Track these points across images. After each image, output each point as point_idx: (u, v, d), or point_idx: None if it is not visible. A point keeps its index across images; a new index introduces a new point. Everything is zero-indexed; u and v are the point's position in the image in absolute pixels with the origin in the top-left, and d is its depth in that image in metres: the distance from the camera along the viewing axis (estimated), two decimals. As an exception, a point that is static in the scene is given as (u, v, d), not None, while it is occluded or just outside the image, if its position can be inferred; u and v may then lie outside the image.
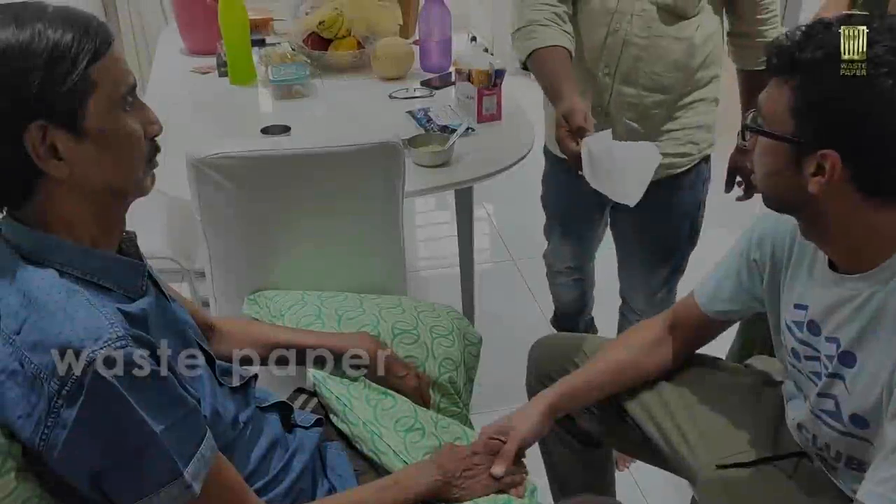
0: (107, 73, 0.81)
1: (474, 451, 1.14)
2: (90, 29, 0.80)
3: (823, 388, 0.99)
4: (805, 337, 1.03)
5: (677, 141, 1.49)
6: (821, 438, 1.02)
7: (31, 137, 0.78)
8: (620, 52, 1.38)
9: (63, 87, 0.77)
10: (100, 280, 0.85)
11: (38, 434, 0.77)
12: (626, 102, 1.42)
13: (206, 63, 2.31)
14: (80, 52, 0.78)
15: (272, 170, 1.33)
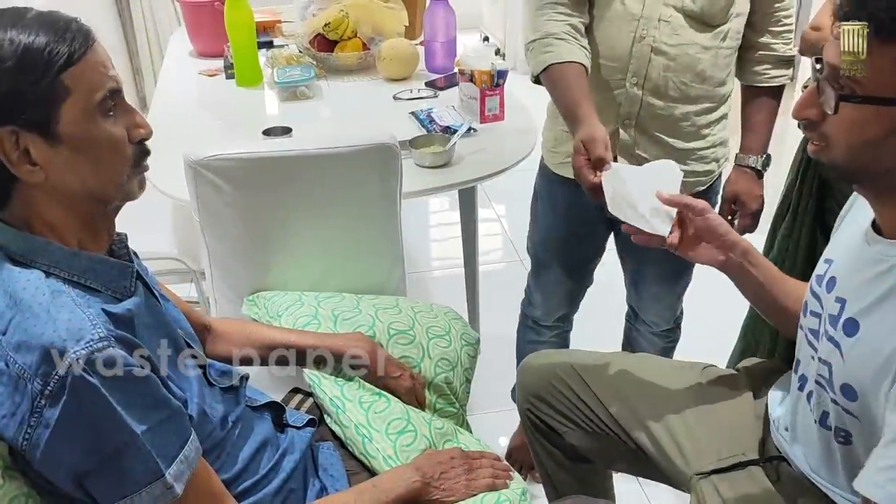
0: (82, 78, 0.80)
1: (452, 454, 1.14)
2: (67, 33, 0.79)
3: (822, 353, 0.96)
4: (819, 291, 0.99)
5: (704, 160, 1.45)
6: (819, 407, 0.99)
7: (2, 142, 0.78)
8: (649, 60, 1.33)
9: (33, 92, 0.77)
10: (86, 281, 0.86)
11: (22, 433, 0.78)
12: (657, 114, 1.37)
13: (214, 65, 2.33)
14: (51, 58, 0.78)
15: (269, 171, 1.34)
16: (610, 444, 1.27)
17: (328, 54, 2.28)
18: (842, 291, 0.94)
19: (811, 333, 1.01)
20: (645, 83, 1.34)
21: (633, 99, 1.36)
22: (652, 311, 1.72)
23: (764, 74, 1.44)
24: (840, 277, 0.96)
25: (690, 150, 1.42)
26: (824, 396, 0.96)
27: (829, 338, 0.94)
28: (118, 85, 0.85)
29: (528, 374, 1.37)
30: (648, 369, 1.31)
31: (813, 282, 1.03)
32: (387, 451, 1.14)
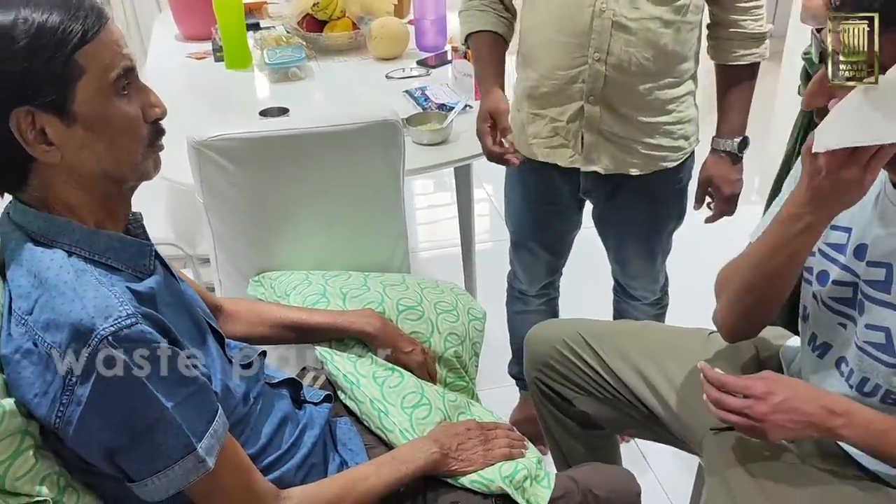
0: (96, 57, 0.79)
1: (468, 426, 1.15)
2: (80, 11, 0.78)
3: (872, 318, 0.96)
4: (846, 261, 1.00)
5: (672, 135, 1.45)
6: (859, 373, 1.00)
7: (18, 122, 0.77)
8: (611, 35, 1.32)
9: (47, 72, 0.76)
10: (107, 260, 0.85)
11: (54, 412, 0.78)
12: (621, 90, 1.37)
13: (202, 48, 2.31)
14: (65, 35, 0.77)
15: (273, 150, 1.33)
16: (620, 408, 1.29)
17: (318, 35, 2.27)
18: (879, 256, 0.95)
19: (838, 302, 1.01)
20: (608, 58, 1.34)
21: (597, 75, 1.36)
22: (640, 286, 1.74)
23: (735, 52, 1.42)
24: (872, 243, 0.96)
25: (656, 124, 1.41)
26: (871, 363, 0.97)
27: (881, 303, 0.95)
28: (132, 63, 0.84)
29: (535, 343, 1.39)
30: (654, 335, 1.33)
31: (827, 250, 1.03)
32: (403, 425, 1.15)
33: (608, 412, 1.32)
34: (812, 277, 1.07)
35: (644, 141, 1.42)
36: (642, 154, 1.44)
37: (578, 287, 1.96)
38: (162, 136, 0.90)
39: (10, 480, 0.77)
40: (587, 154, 1.43)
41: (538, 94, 1.43)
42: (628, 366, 1.28)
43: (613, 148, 1.42)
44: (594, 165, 1.44)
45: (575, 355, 1.32)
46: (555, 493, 1.12)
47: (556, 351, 1.34)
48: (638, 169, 1.45)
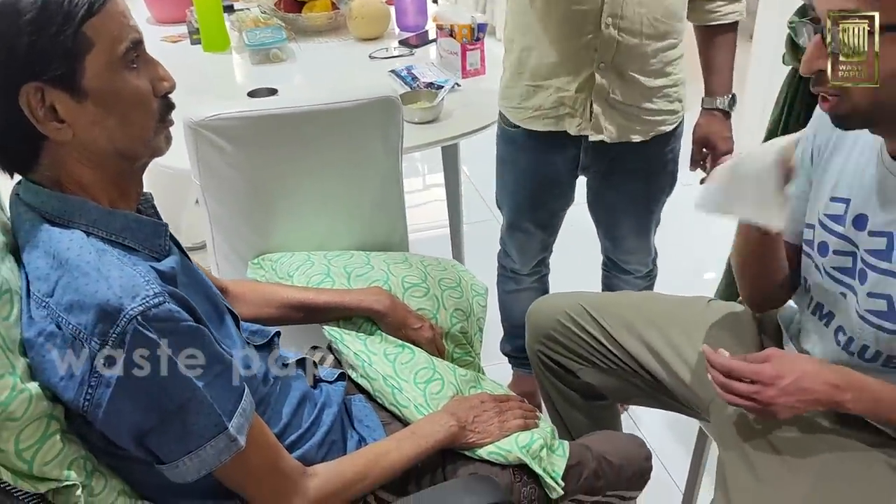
0: (104, 29, 0.77)
1: (482, 399, 1.16)
2: None
3: (874, 286, 0.98)
4: (845, 231, 1.01)
5: (668, 98, 1.47)
6: (860, 341, 1.02)
7: (28, 99, 0.75)
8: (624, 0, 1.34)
9: (56, 46, 0.74)
10: (125, 240, 0.83)
11: (83, 395, 0.76)
12: (632, 54, 1.38)
13: (177, 31, 2.26)
14: (72, 8, 0.75)
15: (271, 129, 1.31)
16: (625, 378, 1.31)
17: (296, 15, 2.23)
18: (880, 226, 0.97)
19: (840, 272, 1.03)
20: (621, 23, 1.35)
21: (610, 41, 1.36)
22: (633, 261, 1.76)
23: (716, 12, 1.46)
24: (871, 213, 0.98)
25: (657, 87, 1.44)
26: (872, 331, 0.99)
27: (882, 271, 0.97)
28: (140, 35, 0.82)
29: (537, 315, 1.39)
30: (656, 304, 1.35)
31: (826, 222, 1.05)
32: (417, 400, 1.15)
33: (612, 382, 1.34)
34: (813, 250, 1.09)
35: (645, 106, 1.44)
36: (644, 120, 1.45)
37: (567, 263, 1.97)
38: (172, 111, 0.88)
39: (39, 465, 0.76)
40: (595, 123, 1.44)
41: (543, 64, 1.42)
42: (632, 335, 1.30)
43: (618, 115, 1.44)
44: (602, 134, 1.45)
45: (578, 326, 1.33)
46: (570, 461, 1.13)
47: (559, 323, 1.35)
48: (640, 135, 1.47)
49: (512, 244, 1.76)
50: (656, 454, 1.86)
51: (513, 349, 1.95)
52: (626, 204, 1.62)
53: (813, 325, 1.13)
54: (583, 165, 1.54)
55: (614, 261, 1.80)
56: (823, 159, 1.08)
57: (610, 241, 1.75)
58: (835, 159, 1.06)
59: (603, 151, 1.48)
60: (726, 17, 1.46)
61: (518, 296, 1.84)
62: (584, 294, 1.40)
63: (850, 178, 1.03)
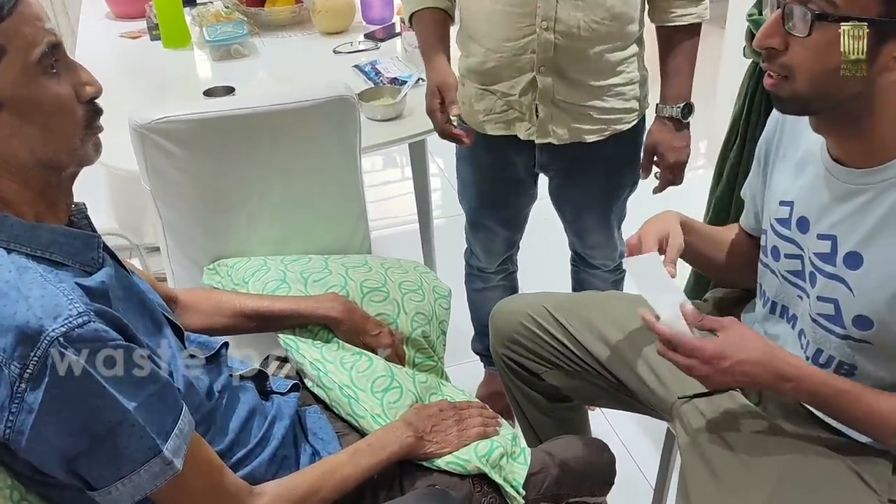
0: (16, 34, 0.73)
1: (441, 407, 1.13)
2: None
3: (821, 290, 0.97)
4: (791, 234, 1.01)
5: (623, 97, 1.43)
6: (814, 344, 1.02)
7: None
8: (556, 2, 1.29)
9: None
10: (51, 255, 0.79)
11: (3, 422, 0.72)
12: (572, 56, 1.34)
13: (136, 27, 2.20)
14: None
15: (222, 132, 1.27)
16: (589, 380, 1.29)
17: (259, 10, 2.18)
18: (824, 228, 0.96)
19: (793, 275, 1.03)
20: (556, 26, 1.31)
21: (546, 44, 1.33)
22: (599, 255, 1.74)
23: (673, 13, 1.40)
24: (813, 216, 0.98)
25: (608, 86, 1.40)
26: (823, 334, 0.99)
27: (828, 275, 0.96)
28: (58, 39, 0.77)
29: (500, 318, 1.37)
30: (620, 304, 1.32)
31: (776, 226, 1.04)
32: (374, 410, 1.12)
33: (577, 384, 1.32)
34: (767, 256, 1.08)
35: (596, 105, 1.40)
36: (595, 119, 1.42)
37: (535, 260, 1.95)
38: (99, 117, 0.83)
39: (-41, 498, 0.72)
40: (542, 126, 1.41)
41: (486, 69, 1.40)
42: (595, 336, 1.28)
43: (567, 117, 1.40)
44: (550, 137, 1.42)
45: (541, 329, 1.31)
46: (531, 468, 1.11)
47: (522, 325, 1.32)
48: (594, 135, 1.43)
49: (476, 242, 1.74)
50: (629, 452, 1.85)
51: (483, 348, 1.93)
52: (588, 198, 1.59)
53: (781, 328, 1.11)
54: (540, 164, 1.51)
55: (582, 255, 1.78)
56: (773, 162, 1.07)
57: (575, 236, 1.73)
58: (784, 163, 1.05)
59: (558, 152, 1.45)
60: (684, 19, 1.40)
61: (486, 294, 1.82)
62: (548, 295, 1.38)
63: (795, 181, 1.02)
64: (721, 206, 1.61)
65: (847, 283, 0.94)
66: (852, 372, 0.99)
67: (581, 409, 1.49)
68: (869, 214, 0.91)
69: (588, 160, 1.48)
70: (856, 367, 0.98)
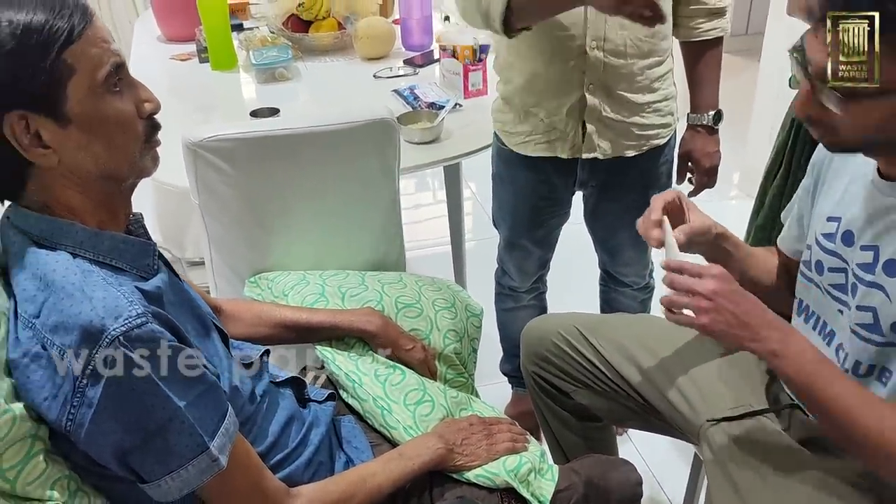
0: (84, 55, 0.78)
1: (471, 421, 1.16)
2: (64, 10, 0.77)
3: (861, 299, 0.98)
4: (836, 247, 1.03)
5: (660, 112, 1.49)
6: (852, 356, 1.02)
7: (12, 127, 0.77)
8: (605, 21, 1.35)
9: (37, 73, 0.75)
10: (112, 260, 0.85)
11: (65, 414, 0.77)
12: (618, 73, 1.40)
13: (186, 50, 2.29)
14: (51, 36, 0.76)
15: (269, 150, 1.33)
16: (618, 400, 1.31)
17: (303, 35, 2.26)
18: (868, 240, 0.98)
19: (836, 289, 1.04)
20: (605, 45, 1.37)
21: (596, 62, 1.38)
22: (631, 273, 1.77)
23: (698, 28, 1.47)
24: (857, 230, 0.99)
25: (646, 103, 1.47)
26: (862, 345, 0.99)
27: (868, 283, 0.97)
28: (122, 59, 0.83)
29: (532, 336, 1.40)
30: (649, 327, 1.35)
31: (822, 241, 1.06)
32: (406, 422, 1.16)
33: (606, 404, 1.34)
34: (811, 270, 1.09)
35: (637, 122, 1.46)
36: (636, 135, 1.48)
37: (564, 280, 1.97)
38: (158, 132, 0.89)
39: (22, 485, 0.77)
40: (588, 141, 1.46)
41: (531, 91, 1.44)
42: (625, 358, 1.30)
43: (611, 133, 1.46)
44: (595, 152, 1.47)
45: (571, 348, 1.34)
46: (558, 485, 1.13)
47: (553, 344, 1.35)
48: (633, 150, 1.49)
49: (511, 262, 1.77)
50: (654, 475, 1.85)
51: (512, 369, 1.95)
52: (622, 215, 1.62)
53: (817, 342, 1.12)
54: (580, 181, 1.55)
55: (612, 274, 1.81)
56: (823, 183, 1.09)
57: (607, 254, 1.76)
58: (834, 182, 1.07)
59: (599, 166, 1.50)
60: (709, 34, 1.48)
61: (516, 314, 1.85)
62: (579, 315, 1.41)
63: (843, 198, 1.04)
64: (762, 235, 1.62)
65: (885, 290, 0.95)
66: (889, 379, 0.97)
67: (609, 429, 1.50)
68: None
69: (625, 174, 1.52)
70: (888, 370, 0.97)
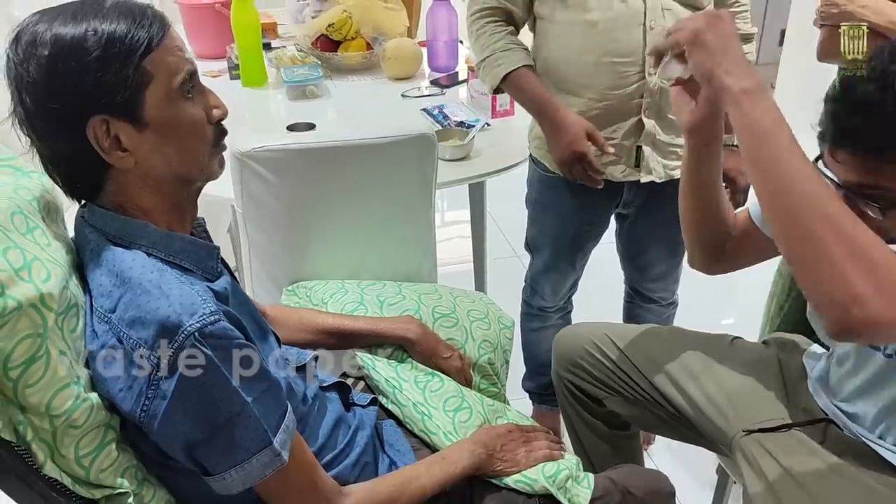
0: (162, 63, 0.82)
1: (509, 428, 1.18)
2: (144, 20, 0.81)
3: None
4: None
5: None
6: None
7: (95, 131, 0.80)
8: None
9: (119, 80, 0.79)
10: (181, 261, 0.88)
11: (140, 406, 0.80)
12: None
13: (217, 67, 2.35)
14: (133, 44, 0.79)
15: (312, 162, 1.37)
16: (649, 409, 1.33)
17: (332, 54, 2.32)
18: None
19: None
20: None
21: (653, 86, 1.43)
22: (660, 288, 1.81)
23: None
24: None
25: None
26: None
27: None
28: (194, 67, 0.87)
29: (564, 343, 1.42)
30: (680, 340, 1.37)
31: None
32: (446, 427, 1.18)
33: (637, 412, 1.36)
34: None
35: (681, 143, 1.50)
36: (680, 156, 1.51)
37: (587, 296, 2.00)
38: (225, 136, 0.93)
39: (96, 472, 0.79)
40: (645, 165, 1.50)
41: (587, 117, 1.46)
42: (657, 368, 1.32)
43: (662, 155, 1.50)
44: (651, 175, 1.51)
45: (604, 356, 1.36)
46: (595, 493, 1.15)
47: (586, 351, 1.37)
48: (678, 171, 1.52)
49: (546, 284, 1.79)
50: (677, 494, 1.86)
51: (535, 386, 1.98)
52: (655, 231, 1.67)
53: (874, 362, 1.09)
54: (625, 202, 1.60)
55: (639, 290, 1.84)
56: None
57: (637, 270, 1.79)
58: None
59: (644, 187, 1.54)
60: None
61: (543, 334, 1.87)
62: (610, 325, 1.43)
63: None
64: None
65: None
66: None
67: (637, 439, 1.52)
68: None
69: (666, 193, 1.54)
70: None
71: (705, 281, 1.37)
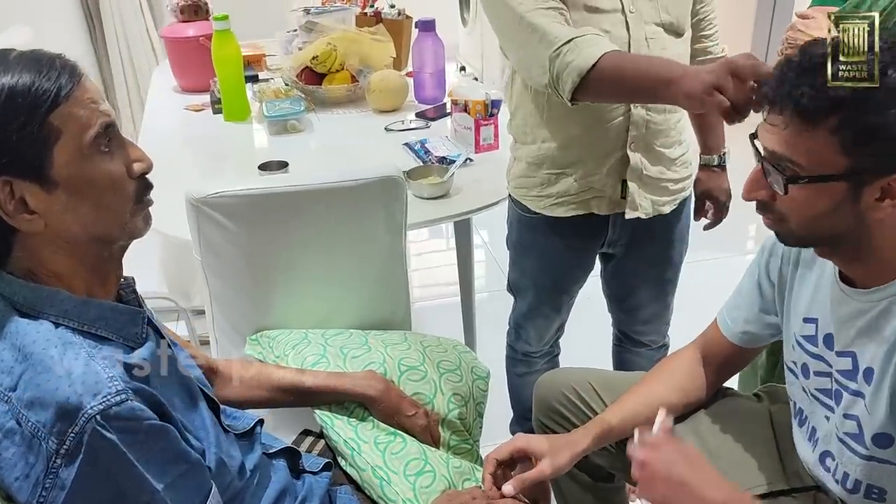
0: (71, 117, 0.76)
1: (473, 495, 1.10)
2: (51, 71, 0.75)
3: (846, 407, 0.96)
4: (820, 351, 1.00)
5: (686, 165, 1.49)
6: (842, 467, 0.99)
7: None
8: None
9: (22, 138, 0.73)
10: (97, 330, 0.81)
11: (36, 496, 0.73)
12: (657, 129, 1.38)
13: (200, 101, 2.31)
14: (37, 98, 0.73)
15: (272, 207, 1.31)
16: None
17: (316, 87, 2.27)
18: (843, 345, 0.96)
19: (822, 393, 1.01)
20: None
21: (640, 120, 1.37)
22: (651, 331, 1.72)
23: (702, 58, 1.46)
24: (836, 333, 0.97)
25: (677, 157, 1.47)
26: (850, 456, 0.96)
27: (852, 392, 0.95)
28: (111, 119, 0.81)
29: (544, 388, 1.35)
30: None
31: (804, 343, 1.03)
32: (406, 494, 1.10)
33: (620, 463, 1.27)
34: (797, 370, 1.06)
35: (670, 177, 1.45)
36: (671, 190, 1.46)
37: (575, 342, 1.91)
38: (150, 191, 0.86)
39: (-11, 571, 0.72)
40: (631, 201, 1.42)
41: (570, 152, 1.40)
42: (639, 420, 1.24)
43: (649, 190, 1.43)
44: (638, 211, 1.43)
45: (584, 404, 1.29)
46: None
47: (565, 396, 1.30)
48: (669, 206, 1.47)
49: (531, 329, 1.71)
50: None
51: (523, 431, 1.89)
52: (643, 271, 1.60)
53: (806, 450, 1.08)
54: (609, 241, 1.52)
55: (628, 334, 1.75)
56: (794, 278, 1.07)
57: (625, 313, 1.71)
58: (805, 279, 1.05)
59: (630, 224, 1.46)
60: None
61: (528, 379, 1.79)
62: (594, 371, 1.37)
63: (816, 298, 1.02)
64: None
65: (864, 398, 0.93)
66: (882, 497, 0.94)
67: (622, 492, 1.44)
68: (878, 331, 0.91)
69: (653, 230, 1.49)
70: (885, 491, 0.94)
71: (697, 322, 1.32)
